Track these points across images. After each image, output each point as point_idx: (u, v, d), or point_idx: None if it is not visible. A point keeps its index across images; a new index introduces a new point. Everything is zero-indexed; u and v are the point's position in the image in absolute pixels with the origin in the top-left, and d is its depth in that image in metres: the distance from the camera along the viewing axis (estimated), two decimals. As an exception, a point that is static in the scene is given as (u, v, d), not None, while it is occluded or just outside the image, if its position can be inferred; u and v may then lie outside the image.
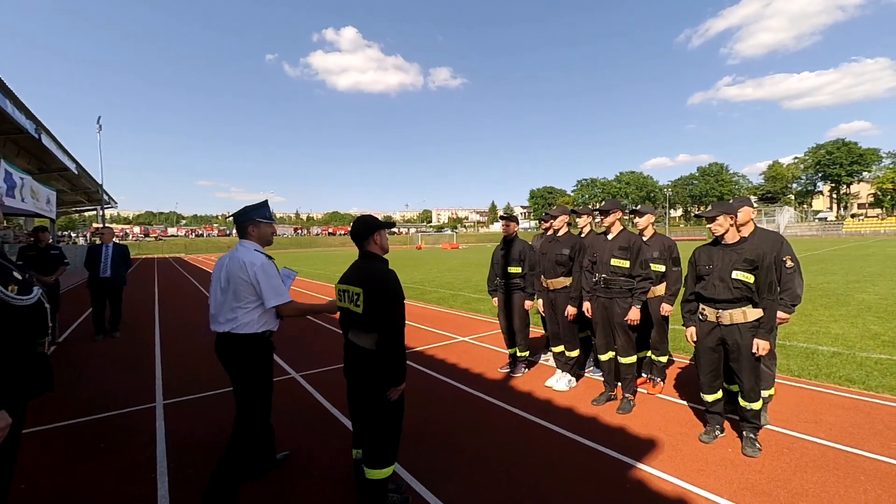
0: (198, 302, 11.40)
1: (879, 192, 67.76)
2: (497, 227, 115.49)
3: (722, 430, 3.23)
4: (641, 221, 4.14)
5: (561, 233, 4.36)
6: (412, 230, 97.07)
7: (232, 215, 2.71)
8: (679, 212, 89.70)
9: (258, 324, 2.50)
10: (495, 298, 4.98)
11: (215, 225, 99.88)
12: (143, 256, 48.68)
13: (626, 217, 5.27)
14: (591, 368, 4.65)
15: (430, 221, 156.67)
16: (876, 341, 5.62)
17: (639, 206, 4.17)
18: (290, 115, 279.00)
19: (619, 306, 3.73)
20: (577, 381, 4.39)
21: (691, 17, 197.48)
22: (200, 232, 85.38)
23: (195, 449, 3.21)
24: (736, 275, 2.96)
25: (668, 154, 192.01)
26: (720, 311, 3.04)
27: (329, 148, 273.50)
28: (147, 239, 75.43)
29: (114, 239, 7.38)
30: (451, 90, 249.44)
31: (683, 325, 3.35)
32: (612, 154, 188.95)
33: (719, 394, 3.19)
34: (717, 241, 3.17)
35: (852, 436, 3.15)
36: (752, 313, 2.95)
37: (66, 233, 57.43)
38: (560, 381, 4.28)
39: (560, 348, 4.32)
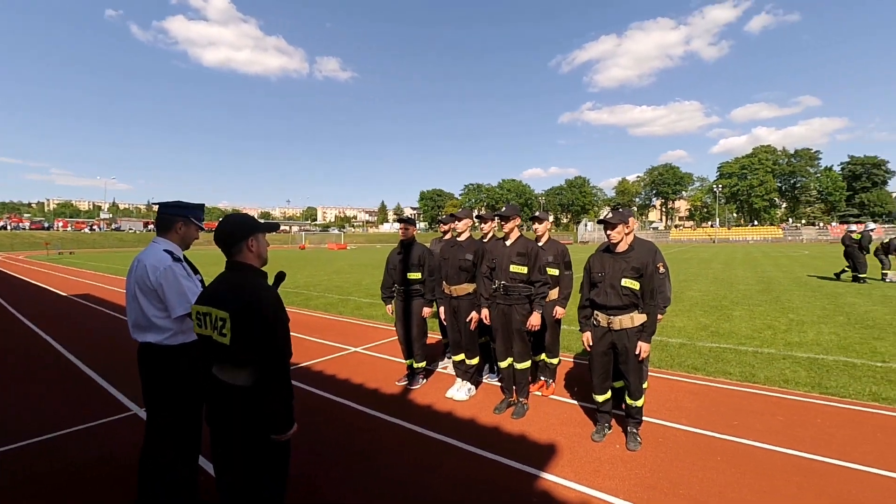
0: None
1: (692, 208, 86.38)
2: (387, 227, 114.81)
3: (610, 427, 3.43)
4: (540, 228, 4.23)
5: (463, 237, 4.26)
6: (295, 228, 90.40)
7: (159, 204, 2.46)
8: (551, 218, 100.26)
9: (184, 334, 2.30)
10: (390, 306, 4.68)
11: (27, 216, 78.71)
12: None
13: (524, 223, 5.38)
14: (489, 374, 4.65)
15: (316, 220, 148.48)
16: (707, 332, 6.77)
17: (538, 213, 4.25)
18: (139, 87, 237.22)
19: (518, 312, 3.73)
20: (476, 388, 4.33)
21: (562, 45, 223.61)
22: (2, 223, 63.06)
23: None
24: (625, 282, 3.15)
25: (543, 165, 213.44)
26: (611, 317, 3.20)
27: (192, 130, 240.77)
28: None
29: None
30: (340, 83, 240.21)
31: (580, 330, 3.48)
32: (495, 161, 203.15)
33: (609, 394, 3.38)
34: (609, 248, 3.35)
35: (705, 419, 3.62)
36: (639, 318, 3.17)
37: None
38: (460, 391, 4.16)
39: (461, 357, 4.19)
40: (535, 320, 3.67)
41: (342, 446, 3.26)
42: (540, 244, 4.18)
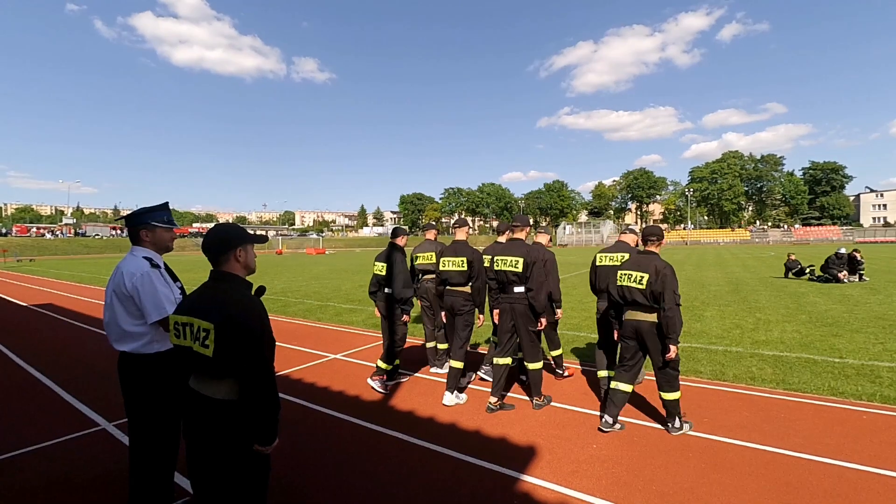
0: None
1: (666, 211, 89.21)
2: (367, 231, 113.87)
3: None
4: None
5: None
6: (272, 233, 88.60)
7: (123, 218, 2.47)
8: (531, 221, 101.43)
9: (160, 343, 2.28)
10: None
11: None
12: None
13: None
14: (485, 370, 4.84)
15: (293, 224, 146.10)
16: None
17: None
18: (104, 86, 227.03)
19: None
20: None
21: (540, 50, 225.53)
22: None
23: None
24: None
25: (522, 169, 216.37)
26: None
27: (162, 131, 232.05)
28: None
29: None
30: (318, 84, 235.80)
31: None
32: (475, 165, 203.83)
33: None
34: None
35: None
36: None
37: None
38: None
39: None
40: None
41: (323, 454, 3.22)
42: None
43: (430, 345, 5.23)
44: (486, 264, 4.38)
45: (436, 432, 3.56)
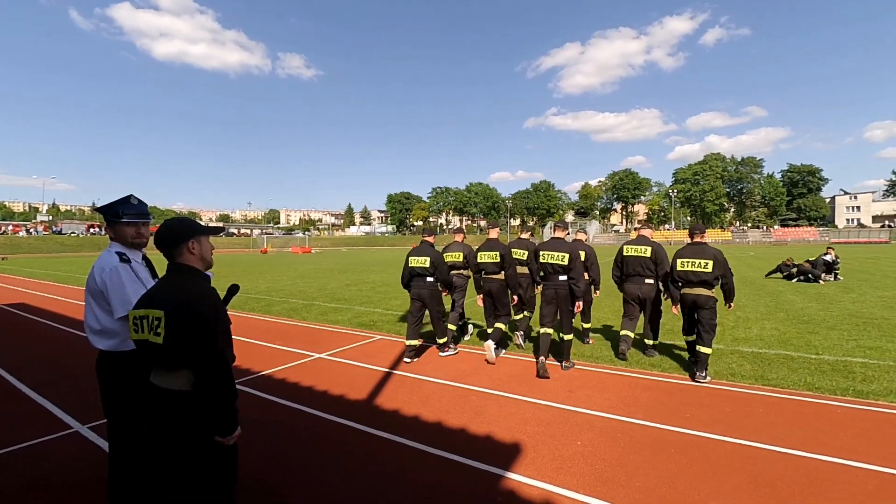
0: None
1: (651, 212, 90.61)
2: (354, 230, 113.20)
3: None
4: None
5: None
6: (256, 232, 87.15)
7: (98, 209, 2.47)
8: (517, 221, 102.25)
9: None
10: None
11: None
12: None
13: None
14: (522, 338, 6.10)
15: (279, 222, 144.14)
16: (662, 330, 7.05)
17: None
18: (81, 79, 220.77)
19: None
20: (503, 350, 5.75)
21: (528, 51, 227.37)
22: None
23: None
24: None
25: (510, 169, 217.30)
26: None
27: (143, 127, 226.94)
28: None
29: None
30: (305, 81, 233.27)
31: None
32: (463, 164, 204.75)
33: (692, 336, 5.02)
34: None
35: (660, 413, 3.80)
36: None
37: None
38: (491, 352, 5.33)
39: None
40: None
41: (305, 455, 3.18)
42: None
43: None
44: (518, 256, 5.85)
45: (421, 431, 3.54)
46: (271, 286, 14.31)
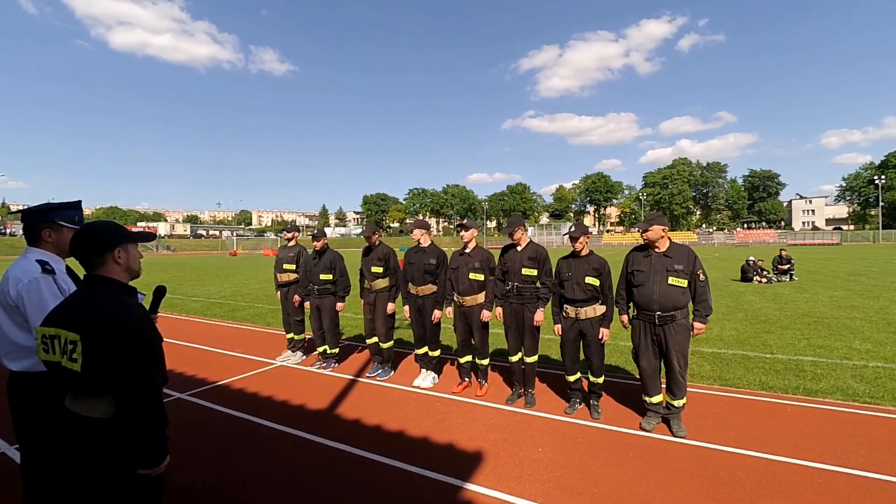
0: None
1: (622, 214, 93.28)
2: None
3: (580, 403, 4.04)
4: (466, 235, 4.34)
5: (425, 243, 4.73)
6: (226, 233, 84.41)
7: (21, 212, 2.13)
8: (494, 223, 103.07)
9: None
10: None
11: None
12: None
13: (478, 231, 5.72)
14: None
15: (251, 224, 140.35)
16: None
17: (465, 221, 4.47)
18: (27, 68, 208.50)
19: (530, 311, 4.11)
20: (438, 377, 4.87)
21: (505, 51, 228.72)
22: None
23: None
24: (588, 280, 3.83)
25: (488, 171, 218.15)
26: (578, 308, 3.85)
27: (99, 120, 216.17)
28: None
29: None
30: (278, 77, 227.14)
31: (554, 322, 4.09)
32: (440, 166, 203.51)
33: (578, 375, 4.00)
34: (574, 253, 3.99)
35: (620, 417, 3.83)
36: (600, 309, 3.86)
37: None
38: (426, 380, 4.68)
39: (424, 349, 4.71)
40: (538, 317, 4.10)
41: (263, 470, 3.02)
42: (467, 251, 4.36)
43: (370, 340, 5.20)
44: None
45: (382, 442, 3.43)
46: (237, 290, 13.84)
